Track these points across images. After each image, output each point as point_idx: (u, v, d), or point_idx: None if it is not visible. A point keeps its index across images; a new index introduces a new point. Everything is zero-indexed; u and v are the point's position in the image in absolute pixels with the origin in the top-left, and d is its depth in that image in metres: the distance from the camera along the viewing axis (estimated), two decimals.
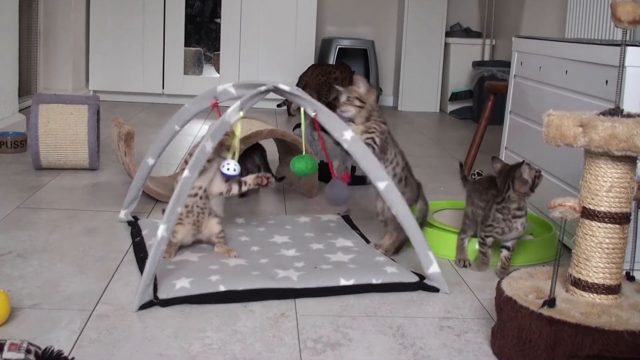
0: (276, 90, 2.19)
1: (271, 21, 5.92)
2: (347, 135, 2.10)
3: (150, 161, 2.48)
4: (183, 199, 1.95)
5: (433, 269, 2.06)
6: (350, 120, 2.25)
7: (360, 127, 2.24)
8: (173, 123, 2.41)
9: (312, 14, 5.93)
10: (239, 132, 2.16)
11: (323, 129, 2.18)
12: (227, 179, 2.24)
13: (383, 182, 2.07)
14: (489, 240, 2.22)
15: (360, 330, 1.79)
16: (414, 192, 2.34)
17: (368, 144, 2.18)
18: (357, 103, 2.23)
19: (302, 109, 2.24)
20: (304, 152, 2.28)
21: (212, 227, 2.27)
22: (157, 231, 1.88)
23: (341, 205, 2.36)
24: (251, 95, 2.13)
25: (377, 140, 2.23)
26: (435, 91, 6.27)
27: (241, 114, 2.10)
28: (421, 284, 2.07)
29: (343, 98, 2.24)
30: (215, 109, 2.29)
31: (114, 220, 2.59)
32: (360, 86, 2.25)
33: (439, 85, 6.26)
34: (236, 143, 2.17)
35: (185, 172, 1.96)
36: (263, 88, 2.16)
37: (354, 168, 3.27)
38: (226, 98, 2.28)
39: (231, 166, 2.15)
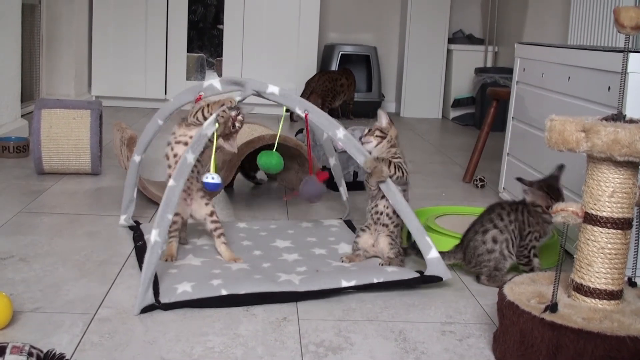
0: (258, 94, 2.20)
1: (274, 27, 5.93)
2: (340, 134, 2.16)
3: (137, 158, 2.48)
4: (172, 206, 2.00)
5: (432, 254, 2.10)
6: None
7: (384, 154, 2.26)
8: (156, 117, 2.40)
9: (315, 20, 5.94)
10: (214, 149, 2.18)
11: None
12: (209, 190, 2.23)
13: None
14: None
15: (362, 334, 1.79)
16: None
17: (398, 167, 2.21)
18: (378, 133, 2.26)
19: (283, 110, 2.28)
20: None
21: (202, 208, 2.29)
22: (150, 236, 1.93)
23: (314, 201, 2.42)
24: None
25: (403, 166, 2.24)
26: (437, 97, 6.27)
27: (216, 125, 2.12)
28: (422, 278, 2.09)
29: (365, 131, 2.29)
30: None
31: (115, 225, 2.59)
32: (382, 120, 2.29)
33: (442, 91, 6.26)
34: (213, 157, 2.20)
35: (171, 182, 2.02)
36: (239, 98, 2.17)
37: (356, 173, 3.28)
38: (211, 93, 2.27)
39: (210, 176, 2.17)
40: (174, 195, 2.01)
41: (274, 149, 2.33)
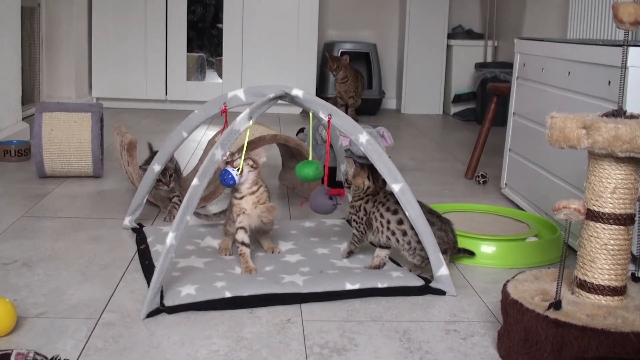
0: (286, 96, 2.20)
1: (273, 26, 5.93)
2: (363, 138, 2.11)
3: (157, 167, 2.48)
4: (192, 207, 1.94)
5: (442, 271, 2.07)
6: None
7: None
8: (181, 129, 2.41)
9: (314, 18, 5.93)
10: (246, 140, 2.16)
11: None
12: (223, 183, 2.19)
13: (398, 184, 2.07)
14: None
15: (367, 335, 1.79)
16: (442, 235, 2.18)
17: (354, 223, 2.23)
18: (345, 185, 2.28)
19: (310, 114, 2.24)
20: (310, 158, 2.27)
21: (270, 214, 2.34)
22: (166, 239, 1.88)
23: (326, 214, 2.33)
24: (261, 102, 2.13)
25: (358, 225, 2.22)
26: (438, 93, 6.27)
27: (250, 122, 2.10)
28: (427, 288, 2.07)
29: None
30: (225, 115, 2.29)
31: (118, 228, 2.59)
32: (351, 169, 2.25)
33: (442, 87, 6.26)
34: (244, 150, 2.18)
35: (195, 181, 1.95)
36: (272, 95, 2.16)
37: None
38: (236, 104, 2.28)
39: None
40: (196, 195, 1.94)
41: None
